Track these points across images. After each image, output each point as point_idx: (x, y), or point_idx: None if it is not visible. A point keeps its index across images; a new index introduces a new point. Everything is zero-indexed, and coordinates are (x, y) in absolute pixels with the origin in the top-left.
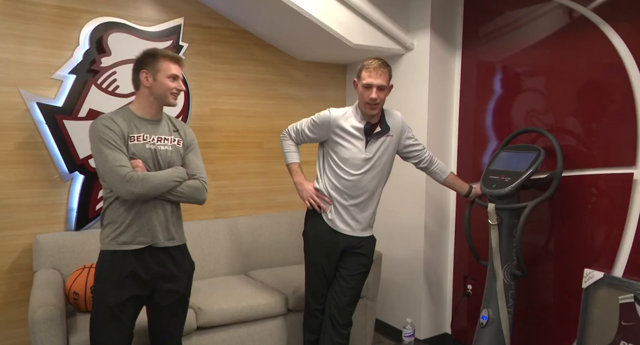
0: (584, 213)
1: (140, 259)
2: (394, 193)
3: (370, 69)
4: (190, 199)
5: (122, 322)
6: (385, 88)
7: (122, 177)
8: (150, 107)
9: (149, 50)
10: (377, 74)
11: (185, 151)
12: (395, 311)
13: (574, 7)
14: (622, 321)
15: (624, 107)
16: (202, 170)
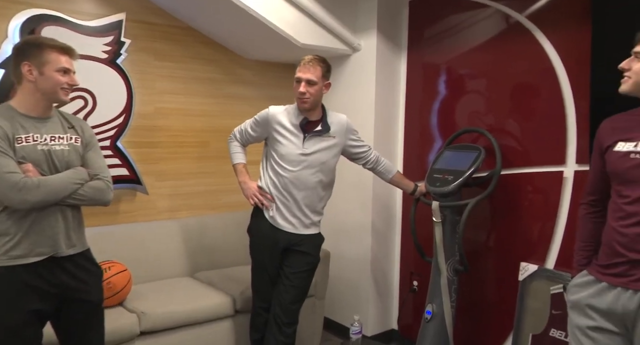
0: (521, 209)
1: (42, 272)
2: (341, 192)
3: (302, 64)
4: (94, 202)
5: (25, 343)
6: (315, 83)
7: (13, 185)
8: (37, 105)
9: (31, 39)
10: (306, 68)
11: (85, 149)
12: (344, 309)
13: (510, 13)
14: (553, 310)
15: (555, 109)
16: (105, 169)
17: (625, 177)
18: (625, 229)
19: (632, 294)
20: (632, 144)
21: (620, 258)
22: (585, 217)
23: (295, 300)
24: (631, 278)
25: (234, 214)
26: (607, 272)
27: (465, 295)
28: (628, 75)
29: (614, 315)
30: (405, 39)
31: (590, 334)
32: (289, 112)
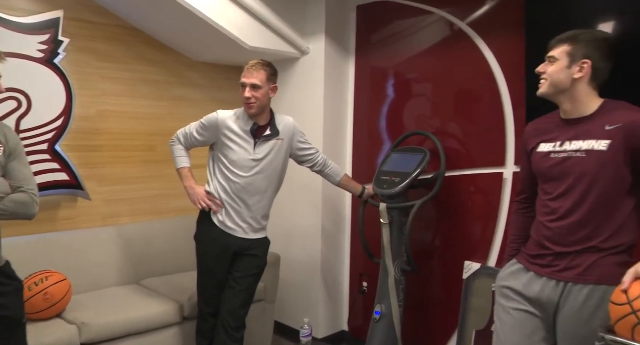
0: (465, 210)
1: None
2: (291, 196)
3: (246, 69)
4: (16, 216)
5: None
6: (260, 87)
7: None
8: None
9: None
10: (250, 73)
11: (8, 159)
12: (294, 312)
13: (453, 20)
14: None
15: (495, 113)
16: (31, 181)
17: (549, 176)
18: (551, 223)
19: (555, 283)
20: (552, 144)
21: (546, 250)
22: (517, 213)
23: (244, 304)
24: (555, 269)
25: (182, 219)
26: (535, 262)
27: (413, 294)
28: (544, 78)
29: (539, 302)
30: (354, 43)
31: (512, 313)
32: (238, 117)
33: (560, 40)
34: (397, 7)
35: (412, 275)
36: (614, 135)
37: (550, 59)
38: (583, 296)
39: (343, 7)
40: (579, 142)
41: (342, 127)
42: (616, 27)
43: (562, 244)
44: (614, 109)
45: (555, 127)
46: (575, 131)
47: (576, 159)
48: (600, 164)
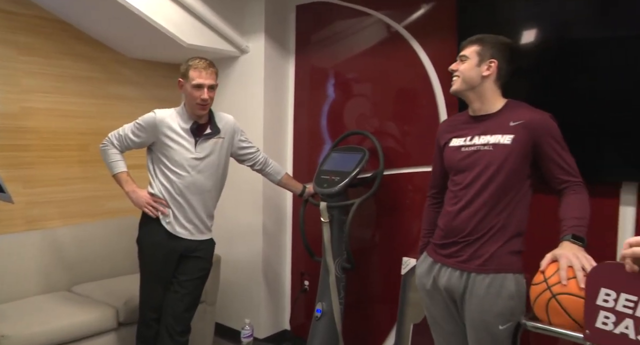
0: (403, 207)
1: None
2: (231, 195)
3: (200, 69)
4: None
5: None
6: (215, 88)
7: None
8: None
9: None
10: (207, 74)
11: None
12: (236, 313)
13: (390, 23)
14: None
15: (430, 112)
16: None
17: (459, 168)
18: (457, 212)
19: (460, 273)
20: (463, 139)
21: (451, 239)
22: (428, 208)
23: (189, 307)
24: (459, 259)
25: (119, 221)
26: (441, 252)
27: (353, 291)
28: (457, 75)
29: (449, 290)
30: (293, 42)
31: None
32: (176, 115)
33: (470, 41)
34: (335, 8)
35: (352, 272)
36: (517, 130)
37: (462, 57)
38: (485, 285)
39: (282, 6)
40: (486, 137)
41: (282, 126)
42: (540, 31)
43: (466, 231)
44: (516, 108)
45: (465, 124)
46: (483, 127)
47: (484, 151)
48: (505, 156)
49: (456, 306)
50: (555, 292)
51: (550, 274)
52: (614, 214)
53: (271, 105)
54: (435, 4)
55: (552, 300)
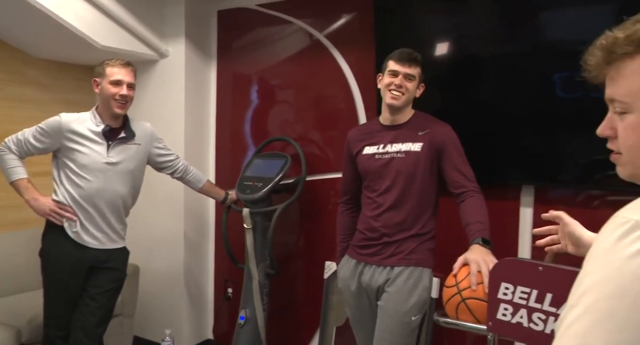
0: (326, 212)
1: None
2: (150, 203)
3: (119, 66)
4: None
5: None
6: (134, 87)
7: None
8: None
9: None
10: (126, 71)
11: None
12: (156, 325)
13: (312, 31)
14: None
15: (350, 119)
16: None
17: (375, 174)
18: (378, 216)
19: (383, 268)
20: (376, 147)
21: (374, 241)
22: (342, 214)
23: (101, 322)
24: (382, 256)
25: (22, 233)
26: (363, 252)
27: (277, 297)
28: (402, 92)
29: (369, 287)
30: (215, 48)
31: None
32: (85, 119)
33: (415, 60)
34: (257, 15)
35: (275, 278)
36: (425, 139)
37: (410, 76)
38: (405, 276)
39: (203, 11)
40: (398, 145)
41: (204, 132)
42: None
43: (388, 234)
44: (423, 118)
45: (377, 132)
46: (394, 135)
47: (398, 158)
48: (416, 163)
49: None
50: (465, 296)
51: (461, 278)
52: (515, 214)
53: (192, 111)
54: (354, 15)
55: (462, 304)
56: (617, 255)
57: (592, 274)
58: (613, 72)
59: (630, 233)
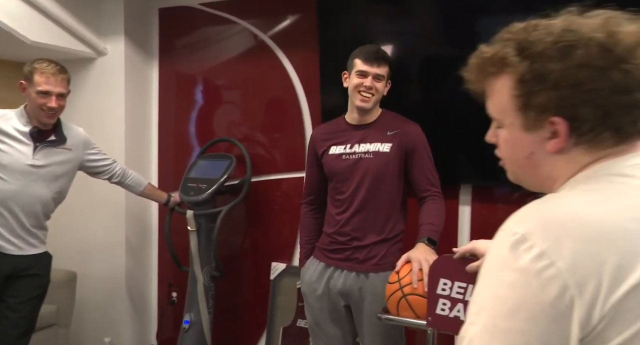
0: (272, 213)
1: None
2: (89, 207)
3: (48, 74)
4: None
5: None
6: (66, 96)
7: None
8: None
9: None
10: (56, 80)
11: None
12: (95, 333)
13: (256, 32)
14: (299, 303)
15: (296, 120)
16: None
17: (342, 175)
18: (347, 219)
19: (356, 274)
20: (343, 146)
21: (344, 245)
22: (305, 215)
23: (24, 333)
24: (354, 262)
25: None
26: (333, 257)
27: (223, 299)
28: (372, 93)
29: (343, 292)
30: (157, 46)
31: (323, 312)
32: (11, 117)
33: (384, 59)
34: (200, 14)
35: (221, 280)
36: (394, 139)
37: (379, 77)
38: (381, 281)
39: (144, 8)
40: (366, 145)
41: (146, 134)
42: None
43: (359, 237)
44: (391, 118)
45: (343, 132)
46: (362, 135)
47: (366, 159)
48: (385, 163)
49: (349, 309)
50: (406, 292)
51: (403, 274)
52: (455, 212)
53: (133, 112)
54: (298, 16)
55: (403, 300)
56: (507, 270)
57: (485, 290)
58: (487, 89)
59: (518, 247)
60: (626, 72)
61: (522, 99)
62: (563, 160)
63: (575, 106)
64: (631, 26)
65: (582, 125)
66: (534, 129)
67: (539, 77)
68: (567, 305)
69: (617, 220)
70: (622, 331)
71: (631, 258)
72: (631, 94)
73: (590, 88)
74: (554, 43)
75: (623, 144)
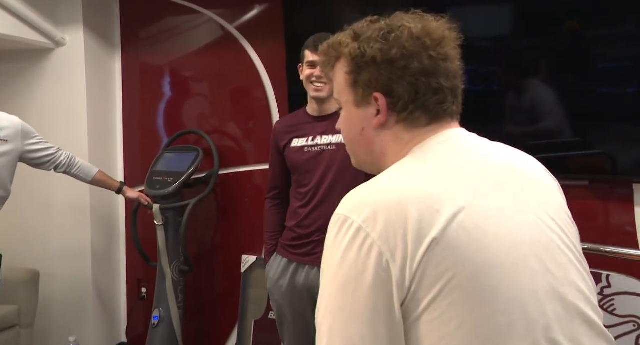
0: (241, 206)
1: None
2: (52, 204)
3: None
4: None
5: None
6: None
7: None
8: None
9: None
10: None
11: None
12: (61, 332)
13: (222, 22)
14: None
15: (263, 111)
16: None
17: (304, 168)
18: (310, 213)
19: (317, 269)
20: (305, 139)
21: (305, 239)
22: (269, 209)
23: None
24: (315, 256)
25: None
26: (295, 252)
27: (194, 294)
28: (325, 81)
29: (310, 288)
30: (119, 37)
31: (290, 307)
32: None
33: None
34: (164, 4)
35: (191, 274)
36: None
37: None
38: None
39: None
40: (329, 136)
41: (110, 127)
42: None
43: (321, 230)
44: None
45: (305, 124)
46: (324, 126)
47: (328, 151)
48: (348, 155)
49: (315, 302)
50: None
51: None
52: None
53: (96, 105)
54: (264, 7)
55: None
56: (336, 251)
57: (323, 273)
58: (332, 74)
59: (342, 227)
60: (432, 58)
61: (352, 75)
62: (390, 136)
63: (392, 82)
64: (439, 24)
65: (398, 102)
66: (362, 105)
67: (363, 54)
68: (385, 269)
69: (417, 187)
70: (430, 289)
71: (430, 218)
72: (437, 78)
73: (402, 66)
74: (379, 30)
75: (434, 123)
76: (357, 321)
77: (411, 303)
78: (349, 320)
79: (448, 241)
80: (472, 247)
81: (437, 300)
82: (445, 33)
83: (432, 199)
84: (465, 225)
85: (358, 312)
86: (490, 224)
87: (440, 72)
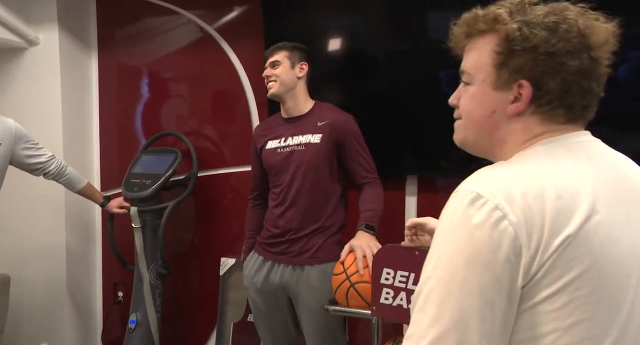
0: (221, 208)
1: None
2: (25, 206)
3: None
4: None
5: None
6: None
7: None
8: None
9: None
10: None
11: None
12: (33, 338)
13: (201, 24)
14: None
15: (243, 113)
16: None
17: (277, 169)
18: (282, 212)
19: (292, 268)
20: (278, 140)
21: (280, 237)
22: (251, 210)
23: None
24: (290, 255)
25: None
26: (270, 250)
27: (172, 297)
28: (274, 79)
29: (281, 286)
30: (95, 37)
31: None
32: None
33: (277, 48)
34: (141, 4)
35: (169, 278)
36: (324, 130)
37: (275, 63)
38: (318, 274)
39: None
40: (299, 137)
41: (86, 128)
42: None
43: (294, 229)
44: (323, 109)
45: (279, 126)
46: (295, 127)
47: (298, 151)
48: (316, 155)
49: (290, 302)
50: (354, 281)
51: (348, 264)
52: (401, 203)
53: (71, 106)
54: (244, 8)
55: (351, 289)
56: (464, 226)
57: (441, 247)
58: (468, 46)
59: (474, 204)
60: (593, 60)
61: (502, 56)
62: (520, 125)
63: (545, 75)
64: (603, 24)
65: (544, 96)
66: (502, 89)
67: (524, 38)
68: (516, 253)
69: (557, 180)
70: (554, 282)
71: (567, 213)
72: (591, 81)
73: (562, 61)
74: (544, 16)
75: (570, 123)
76: (477, 298)
77: (530, 290)
78: (468, 296)
79: (583, 240)
80: (605, 254)
81: (560, 294)
82: (609, 35)
83: (571, 195)
84: (599, 229)
85: (481, 290)
86: (620, 233)
87: (595, 75)
